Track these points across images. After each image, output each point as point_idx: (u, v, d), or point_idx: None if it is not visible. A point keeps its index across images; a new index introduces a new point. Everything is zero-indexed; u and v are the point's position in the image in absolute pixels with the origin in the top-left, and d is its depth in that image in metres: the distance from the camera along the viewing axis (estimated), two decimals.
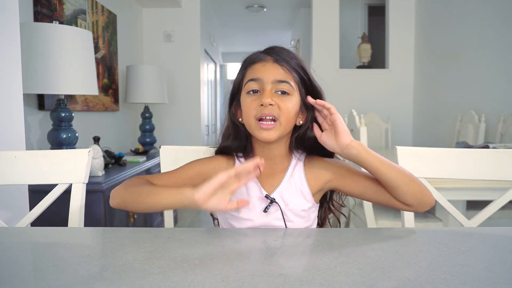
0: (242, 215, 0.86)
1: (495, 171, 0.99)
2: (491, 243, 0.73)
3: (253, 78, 0.80)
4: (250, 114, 0.80)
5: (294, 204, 0.86)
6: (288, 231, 0.83)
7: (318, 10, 4.16)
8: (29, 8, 2.07)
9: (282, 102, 0.79)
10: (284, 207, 0.85)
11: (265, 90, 0.79)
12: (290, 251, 0.66)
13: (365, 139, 1.99)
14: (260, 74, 0.80)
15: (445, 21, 3.46)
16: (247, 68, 0.83)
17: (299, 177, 0.88)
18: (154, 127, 3.48)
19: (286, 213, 0.86)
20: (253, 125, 0.80)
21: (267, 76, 0.79)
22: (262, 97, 0.78)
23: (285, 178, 0.87)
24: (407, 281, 0.53)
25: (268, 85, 0.79)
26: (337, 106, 1.55)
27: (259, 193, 0.86)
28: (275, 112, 0.79)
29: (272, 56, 0.81)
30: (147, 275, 0.56)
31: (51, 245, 0.74)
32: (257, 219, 0.85)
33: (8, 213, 1.21)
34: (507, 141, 2.43)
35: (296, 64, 0.81)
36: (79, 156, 0.98)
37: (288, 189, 0.87)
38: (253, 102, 0.79)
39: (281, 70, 0.80)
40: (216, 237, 0.77)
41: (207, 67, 5.15)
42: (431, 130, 3.73)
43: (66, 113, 1.95)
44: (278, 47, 0.83)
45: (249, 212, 0.86)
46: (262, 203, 0.86)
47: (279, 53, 0.81)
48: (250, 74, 0.82)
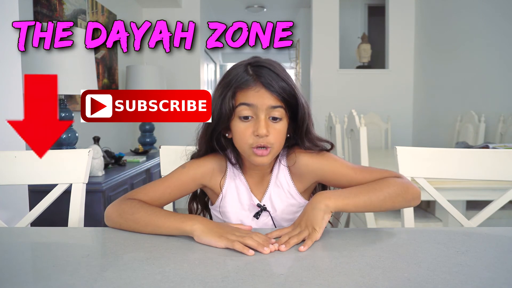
0: (235, 221, 0.88)
1: (495, 171, 0.99)
2: (491, 243, 0.73)
3: (246, 103, 0.79)
4: (244, 141, 0.80)
5: (283, 210, 0.89)
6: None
7: (318, 10, 4.16)
8: (29, 8, 2.06)
9: (275, 130, 0.80)
10: (273, 212, 0.88)
11: (259, 118, 0.79)
12: (290, 251, 0.66)
13: (365, 139, 1.99)
14: (253, 100, 0.79)
15: (445, 21, 3.46)
16: (236, 92, 0.80)
17: (285, 178, 0.89)
18: (154, 127, 3.48)
19: (276, 219, 0.89)
20: (247, 151, 0.81)
21: (261, 103, 0.79)
22: (258, 128, 0.78)
23: (271, 182, 0.89)
24: (407, 281, 0.53)
25: (262, 113, 0.79)
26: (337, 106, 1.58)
27: (250, 200, 0.89)
28: (270, 141, 0.79)
29: (262, 81, 0.79)
30: (147, 275, 0.56)
31: (51, 245, 0.74)
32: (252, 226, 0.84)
33: (8, 213, 1.21)
34: (507, 141, 2.43)
35: (284, 88, 0.80)
36: (79, 156, 0.98)
37: (277, 193, 0.89)
38: (247, 130, 0.79)
39: (273, 96, 0.79)
40: None
41: (207, 67, 5.15)
42: (431, 130, 3.73)
43: (66, 113, 1.95)
44: (267, 67, 0.80)
45: (241, 219, 0.89)
46: (253, 210, 0.88)
47: (269, 76, 0.79)
48: (242, 98, 0.80)
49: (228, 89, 0.80)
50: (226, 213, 0.89)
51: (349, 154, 2.44)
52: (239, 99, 0.80)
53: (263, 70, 0.80)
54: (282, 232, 0.74)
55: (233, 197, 0.89)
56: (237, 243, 0.66)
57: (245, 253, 0.64)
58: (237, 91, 0.80)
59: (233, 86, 0.80)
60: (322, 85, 4.10)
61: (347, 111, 2.57)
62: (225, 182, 0.89)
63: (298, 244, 0.68)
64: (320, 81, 4.11)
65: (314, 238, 0.70)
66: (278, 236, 0.73)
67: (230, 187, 0.89)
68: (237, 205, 0.89)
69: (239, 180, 0.89)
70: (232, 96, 0.80)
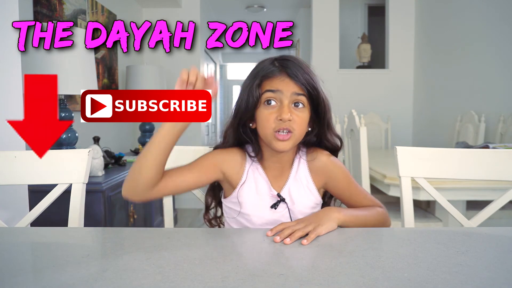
0: (252, 211, 0.89)
1: (495, 171, 0.99)
2: (491, 243, 0.73)
3: (272, 89, 0.84)
4: (268, 126, 0.84)
5: (301, 203, 0.91)
6: None
7: (318, 10, 4.15)
8: (29, 8, 2.06)
9: (297, 116, 0.84)
10: (291, 205, 0.90)
11: (283, 104, 0.83)
12: (290, 251, 0.66)
13: (365, 139, 1.99)
14: (279, 87, 0.84)
15: (445, 21, 3.46)
16: (263, 81, 0.85)
17: (304, 174, 0.93)
18: (154, 127, 3.48)
19: (293, 211, 0.90)
20: (270, 136, 0.84)
21: (286, 89, 0.83)
22: (282, 112, 0.82)
23: (291, 176, 0.92)
24: (407, 281, 0.53)
25: (286, 98, 0.83)
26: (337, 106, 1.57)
27: (269, 191, 0.90)
28: (292, 126, 0.83)
29: (287, 72, 0.84)
30: (147, 275, 0.56)
31: (51, 245, 0.74)
32: (266, 216, 0.89)
33: (8, 213, 1.21)
34: (507, 141, 2.43)
35: (308, 80, 0.85)
36: (79, 156, 0.98)
37: (295, 187, 0.92)
38: (271, 115, 0.83)
39: (297, 85, 0.84)
40: (216, 237, 0.77)
41: (207, 67, 5.15)
42: (431, 130, 3.73)
43: (66, 113, 1.95)
44: (292, 60, 0.86)
45: (258, 208, 0.90)
46: (271, 201, 0.90)
47: (294, 68, 0.84)
48: (267, 85, 0.84)
49: (254, 79, 0.85)
50: (243, 203, 0.90)
51: (349, 154, 2.44)
52: (265, 87, 0.84)
53: (289, 62, 0.85)
54: (285, 225, 0.75)
55: (251, 187, 0.90)
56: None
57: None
58: (263, 80, 0.85)
59: (259, 76, 0.85)
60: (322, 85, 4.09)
61: (347, 111, 2.57)
62: (244, 172, 0.91)
63: (298, 244, 0.68)
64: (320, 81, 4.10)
65: (318, 232, 0.72)
66: (281, 229, 0.74)
67: (249, 177, 0.91)
68: (255, 195, 0.90)
69: (258, 172, 0.92)
70: (258, 85, 0.85)
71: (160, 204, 2.81)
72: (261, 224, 0.89)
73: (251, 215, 0.89)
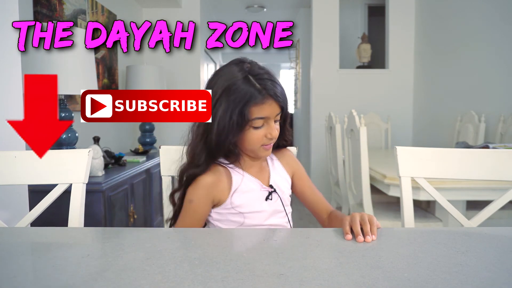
0: (250, 209, 0.94)
1: (495, 171, 0.99)
2: (491, 243, 0.73)
3: (262, 116, 0.89)
4: (257, 143, 0.92)
5: (284, 191, 1.00)
6: (288, 231, 0.83)
7: (318, 10, 4.15)
8: (29, 8, 2.06)
9: (277, 129, 0.93)
10: (281, 194, 0.98)
11: (270, 125, 0.91)
12: (290, 251, 0.66)
13: (365, 139, 1.99)
14: (267, 113, 0.89)
15: (445, 21, 3.46)
16: (251, 106, 0.87)
17: (278, 166, 1.03)
18: (154, 127, 3.48)
19: (283, 198, 0.99)
20: (257, 149, 0.93)
21: (272, 113, 0.90)
22: (272, 132, 0.91)
23: (270, 169, 1.01)
24: (407, 281, 0.53)
25: (272, 119, 0.91)
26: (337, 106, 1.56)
27: (260, 187, 0.96)
28: (275, 138, 0.93)
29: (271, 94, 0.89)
30: (147, 275, 0.56)
31: (51, 245, 0.74)
32: (266, 209, 0.95)
33: (8, 213, 1.21)
34: (507, 141, 2.43)
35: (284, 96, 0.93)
36: (79, 156, 0.98)
37: (277, 177, 1.00)
38: (259, 134, 0.91)
39: (278, 104, 0.91)
40: (216, 237, 0.77)
41: (207, 67, 5.15)
42: (431, 130, 3.73)
43: (66, 113, 1.95)
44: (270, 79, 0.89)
45: (255, 205, 0.94)
46: (263, 195, 0.96)
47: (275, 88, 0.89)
48: (256, 112, 0.88)
49: (240, 105, 0.87)
50: (238, 207, 0.93)
51: (349, 154, 2.44)
52: (254, 114, 0.88)
53: (268, 82, 0.89)
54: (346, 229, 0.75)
55: (242, 190, 0.94)
56: None
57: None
58: (251, 106, 0.87)
59: (246, 104, 0.87)
60: (322, 85, 4.10)
61: (347, 111, 2.57)
62: (232, 182, 0.94)
63: (298, 244, 0.68)
64: (320, 81, 4.11)
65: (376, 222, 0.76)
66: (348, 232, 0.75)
67: (237, 183, 0.94)
68: (248, 196, 0.94)
69: (242, 175, 0.96)
70: (245, 111, 0.87)
71: (160, 204, 2.81)
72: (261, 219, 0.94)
73: (251, 213, 0.93)
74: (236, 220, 0.94)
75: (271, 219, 0.96)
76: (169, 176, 1.07)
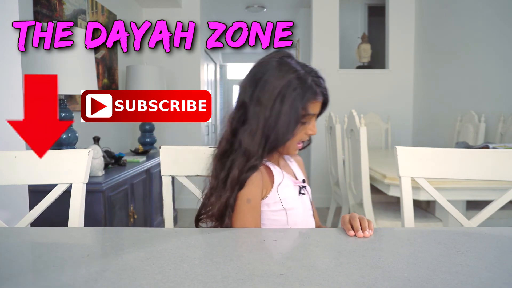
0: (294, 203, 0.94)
1: (495, 171, 0.99)
2: (491, 243, 0.73)
3: (313, 113, 0.92)
4: (298, 139, 0.93)
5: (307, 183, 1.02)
6: (288, 231, 0.83)
7: (318, 10, 4.15)
8: (29, 8, 2.06)
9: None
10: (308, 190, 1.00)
11: (313, 123, 0.93)
12: (290, 251, 0.66)
13: (365, 139, 1.99)
14: (317, 110, 0.93)
15: (445, 21, 3.46)
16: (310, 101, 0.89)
17: (295, 165, 1.04)
18: (154, 127, 3.48)
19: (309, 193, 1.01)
20: (293, 145, 0.94)
21: (318, 111, 0.93)
22: (314, 130, 0.93)
23: (293, 167, 1.02)
24: (407, 281, 0.53)
25: (315, 118, 0.94)
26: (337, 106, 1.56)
27: (294, 182, 0.98)
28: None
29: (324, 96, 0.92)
30: (147, 275, 0.56)
31: (51, 245, 0.74)
32: (302, 203, 0.96)
33: (8, 213, 1.21)
34: (507, 141, 2.43)
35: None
36: (79, 156, 0.98)
37: (300, 175, 1.02)
38: (303, 130, 0.92)
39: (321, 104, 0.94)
40: (216, 237, 0.77)
41: (207, 67, 5.15)
42: (431, 130, 3.73)
43: (66, 113, 1.95)
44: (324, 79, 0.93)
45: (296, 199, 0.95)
46: (296, 190, 0.97)
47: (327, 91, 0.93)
48: (311, 109, 0.90)
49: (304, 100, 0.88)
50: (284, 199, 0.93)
51: (349, 154, 2.44)
52: (309, 109, 0.90)
53: (321, 80, 0.92)
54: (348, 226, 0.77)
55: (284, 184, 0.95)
56: None
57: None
58: (310, 101, 0.89)
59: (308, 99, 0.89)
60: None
61: (347, 111, 2.57)
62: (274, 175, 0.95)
63: (299, 244, 0.68)
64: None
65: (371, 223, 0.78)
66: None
67: (278, 178, 0.95)
68: (288, 190, 0.95)
69: (279, 170, 0.97)
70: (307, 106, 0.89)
71: (160, 204, 2.81)
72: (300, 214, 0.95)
73: (294, 208, 0.94)
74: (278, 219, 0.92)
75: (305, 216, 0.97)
76: (169, 176, 1.07)
